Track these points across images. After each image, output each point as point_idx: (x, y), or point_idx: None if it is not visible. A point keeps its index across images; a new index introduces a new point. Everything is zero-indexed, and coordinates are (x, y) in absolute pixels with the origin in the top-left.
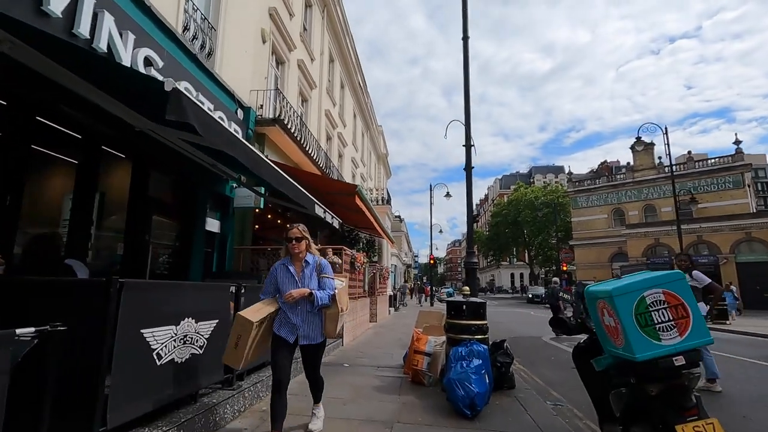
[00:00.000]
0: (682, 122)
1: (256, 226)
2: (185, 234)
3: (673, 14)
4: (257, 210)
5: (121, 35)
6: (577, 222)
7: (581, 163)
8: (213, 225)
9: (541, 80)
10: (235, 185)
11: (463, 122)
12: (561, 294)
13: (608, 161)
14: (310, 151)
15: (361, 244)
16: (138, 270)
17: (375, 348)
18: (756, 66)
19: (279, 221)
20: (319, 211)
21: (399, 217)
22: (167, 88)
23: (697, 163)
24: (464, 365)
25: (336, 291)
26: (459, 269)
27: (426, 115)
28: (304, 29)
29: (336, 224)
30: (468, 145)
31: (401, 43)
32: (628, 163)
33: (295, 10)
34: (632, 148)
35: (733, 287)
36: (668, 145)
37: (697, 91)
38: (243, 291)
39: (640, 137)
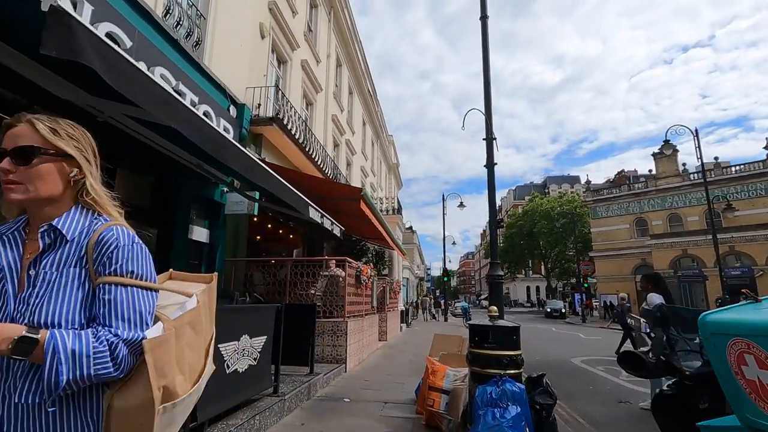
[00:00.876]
0: (700, 130)
1: (258, 237)
2: (163, 243)
3: (685, 24)
4: (254, 218)
5: (74, 5)
6: (597, 232)
7: (595, 174)
8: (200, 234)
9: (551, 92)
10: (226, 190)
11: (483, 111)
12: (628, 319)
13: (625, 170)
14: (314, 156)
15: (369, 255)
16: None
17: (383, 374)
18: None
19: (281, 231)
20: (314, 214)
21: (411, 228)
22: (44, 7)
23: (724, 170)
24: (497, 415)
25: (162, 333)
26: (472, 282)
27: (437, 128)
28: (309, 30)
29: (337, 231)
30: (489, 138)
31: (411, 58)
32: (650, 171)
33: (299, 8)
34: (655, 155)
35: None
36: (699, 148)
37: (713, 100)
38: None
39: (668, 140)
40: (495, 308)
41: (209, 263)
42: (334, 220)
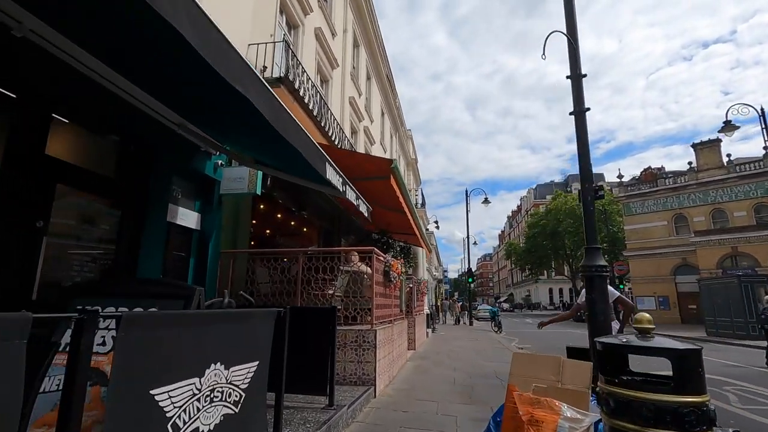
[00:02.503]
0: (721, 128)
1: (267, 232)
2: (129, 227)
3: (705, 19)
4: (261, 207)
5: None
6: (631, 230)
7: (613, 174)
8: (187, 218)
9: (567, 91)
10: (221, 163)
11: (565, 32)
12: None
13: (652, 167)
14: (330, 133)
15: (394, 252)
16: (13, 279)
17: (425, 401)
18: None
19: (293, 223)
20: (333, 176)
21: (436, 223)
22: None
23: None
24: None
25: None
26: (490, 284)
27: (450, 129)
28: None
29: (364, 210)
30: (577, 75)
31: (423, 60)
32: (690, 164)
33: None
34: (695, 145)
35: None
36: (767, 129)
37: (736, 96)
38: (130, 327)
39: (730, 121)
40: (647, 316)
41: (200, 255)
42: (359, 194)
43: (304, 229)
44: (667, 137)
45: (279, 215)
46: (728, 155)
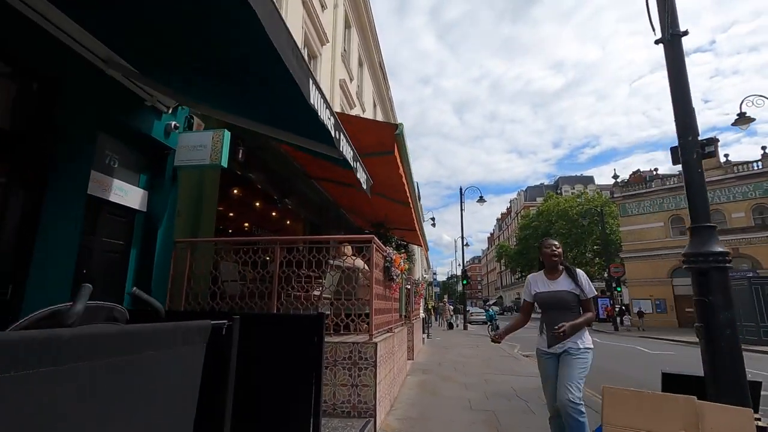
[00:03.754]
0: (700, 136)
1: (245, 225)
2: (21, 198)
3: (685, 29)
4: (234, 192)
5: None
6: (627, 232)
7: (599, 178)
8: (129, 195)
9: (553, 97)
10: (175, 125)
11: None
12: None
13: (641, 170)
14: None
15: (391, 248)
16: None
17: None
18: None
19: (273, 214)
20: (322, 111)
21: (432, 219)
22: None
23: None
24: None
25: None
26: (479, 287)
27: (438, 133)
28: None
29: (362, 178)
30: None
31: (412, 63)
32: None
33: None
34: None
35: None
36: None
37: (715, 104)
38: None
39: (744, 113)
40: None
41: (146, 244)
42: (360, 161)
43: (287, 222)
44: (650, 143)
45: (257, 204)
46: (726, 155)
